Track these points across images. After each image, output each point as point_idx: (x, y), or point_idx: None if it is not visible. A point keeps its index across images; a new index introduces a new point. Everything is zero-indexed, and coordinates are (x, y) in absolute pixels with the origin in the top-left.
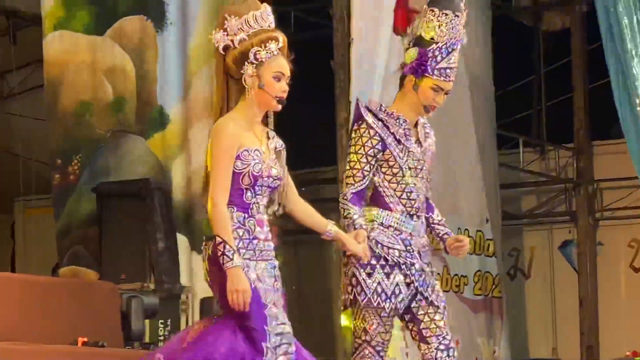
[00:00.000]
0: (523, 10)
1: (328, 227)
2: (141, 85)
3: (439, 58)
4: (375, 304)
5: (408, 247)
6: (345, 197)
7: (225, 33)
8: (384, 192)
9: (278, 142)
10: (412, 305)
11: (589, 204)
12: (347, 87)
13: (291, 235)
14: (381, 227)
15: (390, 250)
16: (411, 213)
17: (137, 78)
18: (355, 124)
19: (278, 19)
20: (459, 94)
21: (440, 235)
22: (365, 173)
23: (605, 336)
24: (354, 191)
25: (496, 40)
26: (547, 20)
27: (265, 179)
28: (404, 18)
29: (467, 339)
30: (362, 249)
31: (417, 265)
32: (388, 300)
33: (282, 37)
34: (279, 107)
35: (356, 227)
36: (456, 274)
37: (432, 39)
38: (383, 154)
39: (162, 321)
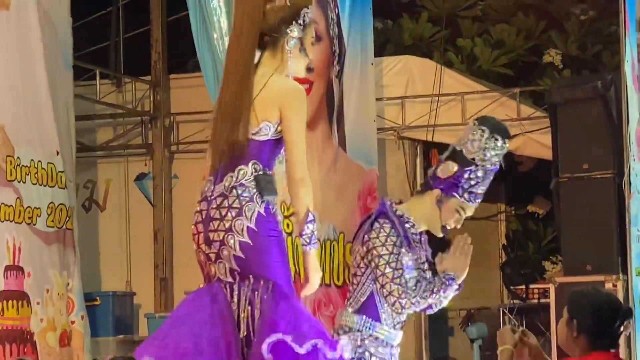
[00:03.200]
0: None
1: None
2: None
3: (473, 182)
4: None
5: None
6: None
7: None
8: (380, 301)
9: None
10: None
11: (165, 137)
12: None
13: None
14: (371, 338)
15: None
16: (397, 326)
17: None
18: (377, 220)
19: None
20: (29, 24)
21: None
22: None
23: (179, 269)
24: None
25: None
26: None
27: None
28: None
29: (39, 271)
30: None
31: None
32: None
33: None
34: (307, 75)
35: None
36: (29, 206)
37: (473, 159)
38: None
39: None
